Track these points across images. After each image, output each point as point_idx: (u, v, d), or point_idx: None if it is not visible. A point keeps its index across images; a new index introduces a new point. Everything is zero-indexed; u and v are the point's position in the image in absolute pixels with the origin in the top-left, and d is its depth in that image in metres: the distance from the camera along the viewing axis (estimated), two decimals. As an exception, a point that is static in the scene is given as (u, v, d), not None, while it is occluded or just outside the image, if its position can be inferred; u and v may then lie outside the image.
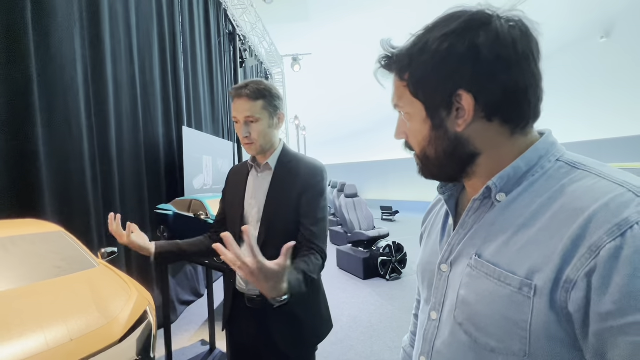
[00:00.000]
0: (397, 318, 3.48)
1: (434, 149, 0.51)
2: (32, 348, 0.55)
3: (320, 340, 1.23)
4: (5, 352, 0.53)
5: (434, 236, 0.63)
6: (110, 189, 2.87)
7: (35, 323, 0.61)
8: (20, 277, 0.77)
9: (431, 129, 0.50)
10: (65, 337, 0.59)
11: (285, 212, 1.15)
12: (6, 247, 0.83)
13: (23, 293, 0.71)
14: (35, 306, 0.67)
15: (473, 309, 0.47)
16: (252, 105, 1.12)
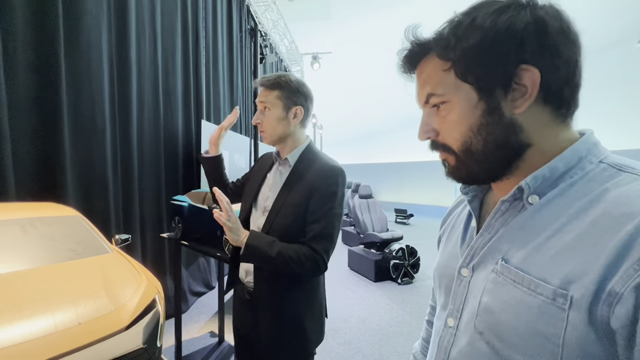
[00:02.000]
0: (408, 323, 3.41)
1: (483, 138, 0.46)
2: (40, 329, 0.55)
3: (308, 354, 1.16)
4: (15, 331, 0.53)
5: (454, 239, 0.59)
6: (129, 178, 2.94)
7: (46, 305, 0.61)
8: (35, 258, 0.78)
9: (483, 114, 0.45)
10: (74, 321, 0.59)
11: (291, 210, 1.11)
12: (24, 228, 0.85)
13: (36, 274, 0.72)
14: (46, 288, 0.67)
15: (496, 318, 0.43)
16: (267, 94, 1.16)
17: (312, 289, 1.17)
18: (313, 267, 1.03)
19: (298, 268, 1.01)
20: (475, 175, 0.50)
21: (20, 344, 0.52)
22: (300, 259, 1.01)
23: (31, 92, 2.09)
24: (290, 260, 1.00)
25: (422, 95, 0.52)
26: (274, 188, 1.20)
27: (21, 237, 0.82)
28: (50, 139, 2.16)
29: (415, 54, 0.51)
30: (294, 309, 1.12)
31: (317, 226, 1.07)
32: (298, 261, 1.01)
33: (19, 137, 1.99)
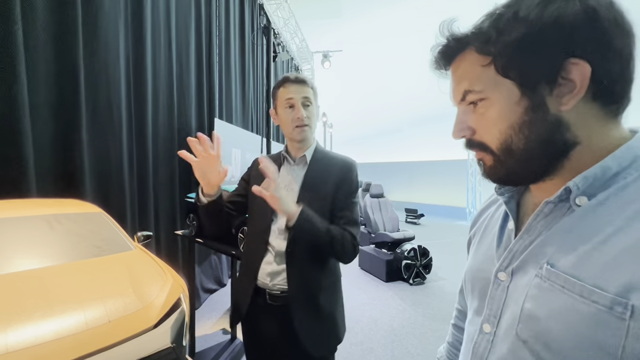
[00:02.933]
0: (420, 324, 3.37)
1: (525, 137, 0.43)
2: (72, 326, 0.55)
3: (339, 342, 1.21)
4: (47, 328, 0.53)
5: (488, 241, 0.57)
6: (144, 176, 2.98)
7: (76, 302, 0.61)
8: (63, 254, 0.79)
9: (526, 111, 0.43)
10: (104, 318, 0.58)
11: (319, 204, 1.16)
12: (51, 225, 0.86)
13: (65, 270, 0.73)
14: (76, 284, 0.68)
15: (543, 326, 0.40)
16: (308, 90, 1.18)
17: (338, 280, 1.23)
18: (350, 249, 1.10)
19: (340, 248, 1.07)
20: (516, 176, 0.47)
21: (53, 341, 0.52)
22: (344, 240, 1.08)
23: (52, 92, 2.13)
24: (335, 239, 1.06)
25: (457, 92, 0.49)
26: (290, 188, 1.20)
27: (48, 233, 0.83)
28: (69, 137, 2.20)
29: (451, 49, 0.48)
30: (326, 301, 1.16)
31: (348, 213, 1.16)
32: (342, 241, 1.08)
33: (40, 136, 2.03)
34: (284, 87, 1.19)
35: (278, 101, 1.21)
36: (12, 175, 1.82)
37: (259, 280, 1.18)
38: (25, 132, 1.89)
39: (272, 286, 1.15)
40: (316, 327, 1.13)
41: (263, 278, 1.17)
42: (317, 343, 1.12)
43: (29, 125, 1.92)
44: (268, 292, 1.15)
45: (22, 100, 1.88)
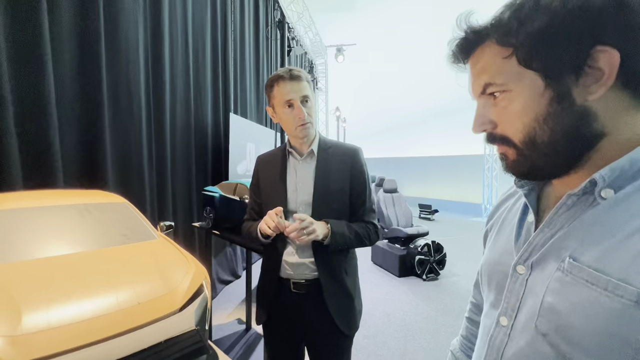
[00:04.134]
0: (433, 320, 3.36)
1: (550, 129, 0.42)
2: (106, 306, 0.58)
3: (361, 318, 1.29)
4: (85, 307, 0.56)
5: (506, 234, 0.56)
6: (163, 169, 3.06)
7: (108, 284, 0.65)
8: (93, 241, 0.83)
9: (551, 102, 0.42)
10: (134, 300, 0.62)
11: (336, 196, 1.20)
12: (82, 213, 0.91)
13: (95, 256, 0.77)
14: (107, 269, 0.72)
15: (564, 320, 0.40)
16: (306, 85, 1.16)
17: (356, 266, 1.29)
18: (375, 236, 1.23)
19: (368, 242, 1.21)
20: (540, 170, 0.46)
21: (90, 320, 0.55)
22: (370, 235, 1.21)
23: (75, 89, 2.21)
24: (363, 237, 1.19)
25: (477, 86, 0.48)
26: (305, 181, 1.22)
27: (79, 221, 0.88)
28: (92, 131, 2.29)
29: (470, 42, 0.47)
30: (350, 283, 1.23)
31: (366, 202, 1.23)
32: (367, 236, 1.20)
33: (65, 130, 2.12)
34: (278, 86, 1.15)
35: (275, 100, 1.18)
36: (41, 167, 1.91)
37: (282, 272, 1.21)
38: (53, 127, 1.98)
39: (297, 276, 1.19)
40: (344, 307, 1.20)
41: (286, 269, 1.20)
42: (347, 321, 1.20)
43: (55, 121, 2.00)
44: (293, 281, 1.18)
45: (49, 96, 1.97)
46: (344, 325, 1.19)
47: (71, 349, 0.51)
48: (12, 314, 0.52)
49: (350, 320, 1.22)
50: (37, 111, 1.92)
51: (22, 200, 0.90)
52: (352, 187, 1.21)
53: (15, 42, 1.85)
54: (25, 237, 0.79)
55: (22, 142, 1.84)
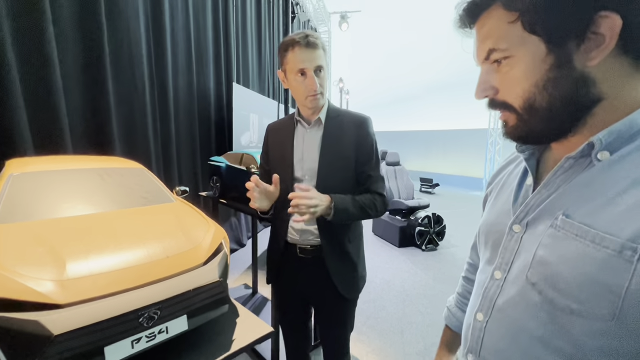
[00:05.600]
0: (431, 287, 3.51)
1: (549, 94, 0.44)
2: (139, 258, 0.63)
3: (363, 283, 1.33)
4: (120, 258, 0.62)
5: (505, 197, 0.59)
6: (168, 139, 3.08)
7: (138, 239, 0.70)
8: (116, 202, 0.88)
9: (552, 68, 0.43)
10: (162, 254, 0.67)
11: (341, 164, 1.20)
12: (102, 177, 0.94)
13: (121, 215, 0.82)
14: (134, 226, 0.76)
15: (553, 270, 0.44)
16: (321, 54, 1.12)
17: (361, 231, 1.31)
18: (382, 207, 1.21)
19: (374, 213, 1.19)
20: (538, 134, 0.48)
21: (126, 269, 0.60)
22: (375, 206, 1.19)
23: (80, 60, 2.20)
24: (369, 209, 1.17)
25: (481, 51, 0.49)
26: (310, 150, 1.22)
27: (101, 184, 0.92)
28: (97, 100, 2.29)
29: (477, 6, 0.47)
30: (353, 250, 1.26)
31: (372, 172, 1.22)
32: (374, 207, 1.19)
33: (71, 99, 2.12)
34: (293, 52, 1.10)
35: (287, 66, 1.15)
36: (50, 136, 1.94)
37: (289, 237, 1.25)
38: (59, 95, 1.98)
39: (302, 241, 1.23)
40: (346, 273, 1.24)
41: (292, 235, 1.25)
42: (348, 286, 1.25)
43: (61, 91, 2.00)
44: (299, 246, 1.23)
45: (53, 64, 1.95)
46: (345, 290, 1.24)
47: (112, 292, 0.57)
48: (56, 262, 0.57)
49: (352, 285, 1.26)
50: (42, 80, 1.91)
51: (45, 164, 0.94)
52: (358, 156, 1.20)
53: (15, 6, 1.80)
54: (54, 197, 0.83)
55: (30, 109, 1.85)
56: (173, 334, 0.63)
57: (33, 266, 0.56)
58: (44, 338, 0.49)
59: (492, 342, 0.53)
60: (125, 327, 0.57)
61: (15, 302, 0.51)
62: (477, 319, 0.57)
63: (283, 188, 1.24)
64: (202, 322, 0.69)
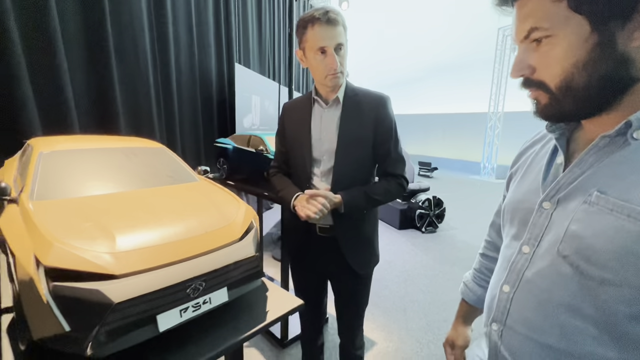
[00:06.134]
0: (431, 267, 3.61)
1: (588, 74, 0.44)
2: (180, 233, 0.66)
3: (377, 261, 1.36)
4: (163, 232, 0.64)
5: (533, 175, 0.61)
6: (171, 120, 3.06)
7: (176, 215, 0.72)
8: (145, 181, 0.89)
9: (594, 48, 0.43)
10: (201, 230, 0.69)
11: (360, 144, 1.19)
12: (128, 156, 0.95)
13: (154, 192, 0.83)
14: (169, 203, 0.78)
15: (586, 243, 0.46)
16: (341, 31, 1.09)
17: (376, 211, 1.33)
18: (399, 190, 1.22)
19: (389, 198, 1.22)
20: (568, 113, 0.49)
21: (169, 244, 0.63)
22: (389, 191, 1.20)
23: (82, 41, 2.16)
24: (381, 197, 1.19)
25: (521, 30, 0.49)
26: (328, 130, 1.21)
27: (127, 163, 0.92)
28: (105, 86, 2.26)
29: None
30: (368, 229, 1.29)
31: (392, 152, 1.21)
32: (387, 194, 1.20)
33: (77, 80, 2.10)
34: (312, 30, 1.07)
35: (307, 44, 1.11)
36: (58, 117, 1.93)
37: None
38: (64, 78, 1.94)
39: (322, 221, 1.25)
40: (361, 252, 1.28)
41: None
42: (362, 263, 1.29)
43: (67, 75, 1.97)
44: (319, 226, 1.26)
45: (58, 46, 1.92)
46: (359, 267, 1.28)
47: (161, 265, 0.59)
48: (106, 236, 0.59)
49: (366, 263, 1.31)
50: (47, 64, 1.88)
51: (70, 143, 0.94)
52: (377, 136, 1.19)
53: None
54: (86, 175, 0.84)
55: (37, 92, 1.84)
56: (215, 305, 0.66)
57: (85, 240, 0.58)
58: (105, 305, 0.52)
59: (519, 311, 0.57)
60: (174, 297, 0.60)
61: (76, 273, 0.53)
62: (503, 290, 0.60)
63: (303, 169, 1.26)
64: (240, 294, 0.72)
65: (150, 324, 0.57)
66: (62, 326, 0.52)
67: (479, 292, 0.85)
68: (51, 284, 0.52)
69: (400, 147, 1.26)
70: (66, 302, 0.52)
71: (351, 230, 1.25)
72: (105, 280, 0.54)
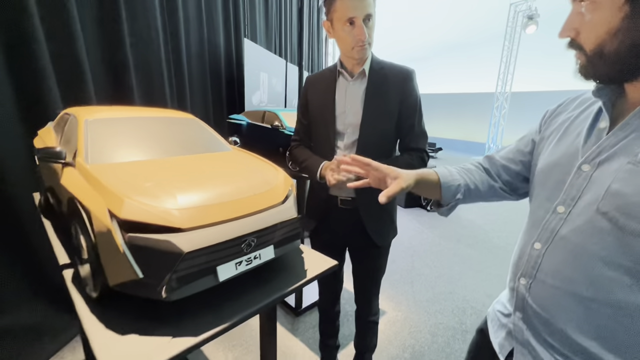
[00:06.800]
0: (437, 244, 3.70)
1: (619, 41, 0.48)
2: (232, 194, 0.70)
3: (395, 234, 1.41)
4: (217, 192, 0.68)
5: (571, 139, 0.64)
6: (182, 93, 3.07)
7: (227, 179, 0.76)
8: (188, 148, 0.92)
9: (625, 17, 0.47)
10: (250, 192, 0.73)
11: (384, 118, 1.21)
12: (167, 125, 0.98)
13: (198, 159, 0.87)
14: (217, 168, 0.82)
15: (629, 200, 0.50)
16: (370, 2, 1.08)
17: None
18: (421, 164, 1.23)
19: None
20: (603, 75, 0.53)
21: (224, 203, 0.67)
22: (411, 165, 1.20)
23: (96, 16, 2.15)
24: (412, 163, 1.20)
25: None
26: (353, 103, 1.22)
27: (167, 131, 0.96)
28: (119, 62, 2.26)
29: None
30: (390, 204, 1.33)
31: (416, 127, 1.22)
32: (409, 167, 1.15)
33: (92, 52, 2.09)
34: (342, 0, 1.07)
35: (335, 14, 1.10)
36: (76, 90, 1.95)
37: (331, 190, 1.31)
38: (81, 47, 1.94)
39: (344, 194, 1.30)
40: (380, 224, 1.33)
41: (334, 188, 1.28)
42: (382, 235, 1.34)
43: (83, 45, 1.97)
44: (340, 198, 1.30)
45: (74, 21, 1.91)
46: (379, 239, 1.32)
47: (220, 221, 0.64)
48: (168, 194, 0.64)
49: (385, 235, 1.35)
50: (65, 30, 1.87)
51: (111, 112, 0.97)
52: (402, 110, 1.20)
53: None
54: (130, 142, 0.88)
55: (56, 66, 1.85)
56: (264, 260, 0.71)
57: (150, 197, 0.62)
58: (176, 255, 0.57)
59: (550, 265, 0.61)
60: (231, 251, 0.65)
61: (146, 226, 0.58)
62: (534, 248, 0.64)
63: (324, 141, 1.28)
64: (283, 253, 0.77)
65: (211, 274, 0.63)
66: (136, 273, 0.57)
67: (456, 176, 0.83)
68: (126, 235, 0.57)
69: (423, 122, 1.27)
70: (140, 251, 0.57)
71: (373, 203, 1.27)
72: (172, 232, 0.59)
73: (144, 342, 0.57)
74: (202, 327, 0.60)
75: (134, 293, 0.60)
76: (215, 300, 0.68)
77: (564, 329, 0.58)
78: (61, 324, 1.89)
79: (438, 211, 0.88)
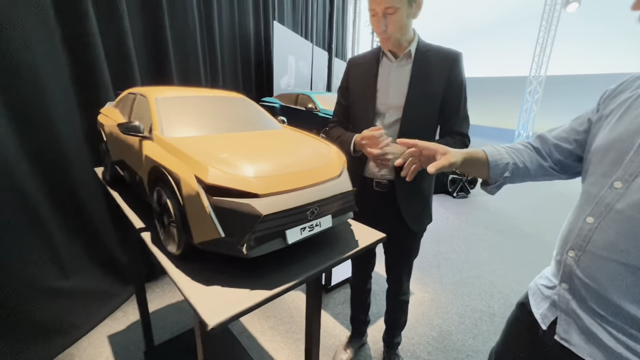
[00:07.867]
0: (464, 230, 3.68)
1: None
2: (297, 165, 0.76)
3: (430, 221, 1.42)
4: (284, 164, 0.74)
5: (632, 117, 0.65)
6: (215, 77, 3.14)
7: (291, 152, 0.82)
8: (245, 125, 0.99)
9: None
10: (310, 165, 0.78)
11: (428, 101, 1.22)
12: (224, 103, 1.05)
13: (258, 135, 0.93)
14: (276, 143, 0.88)
15: None
16: None
17: None
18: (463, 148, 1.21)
19: None
20: None
21: (291, 173, 0.73)
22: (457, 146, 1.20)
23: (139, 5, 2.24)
24: None
25: None
26: (397, 84, 1.23)
27: (227, 109, 1.03)
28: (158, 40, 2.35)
29: None
30: (427, 186, 1.35)
31: (460, 111, 1.24)
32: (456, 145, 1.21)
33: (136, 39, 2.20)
34: None
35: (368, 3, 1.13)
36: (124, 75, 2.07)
37: (366, 172, 1.35)
38: (126, 30, 2.04)
39: (379, 176, 1.33)
40: (417, 209, 1.35)
41: (370, 170, 1.34)
42: (418, 221, 1.36)
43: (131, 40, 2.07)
44: (375, 181, 1.33)
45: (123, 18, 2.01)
46: (414, 225, 1.35)
47: (290, 189, 0.70)
48: (243, 164, 0.71)
49: (420, 221, 1.37)
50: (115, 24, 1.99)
51: (174, 92, 1.04)
52: (447, 93, 1.20)
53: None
54: (197, 118, 0.95)
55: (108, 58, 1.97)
56: (324, 228, 0.78)
57: (229, 166, 0.69)
58: (255, 217, 0.64)
59: (603, 238, 0.64)
60: (298, 217, 0.71)
61: (229, 190, 0.65)
62: (586, 222, 0.67)
63: (363, 121, 1.29)
64: (339, 223, 0.83)
65: (281, 237, 0.69)
66: (219, 232, 0.65)
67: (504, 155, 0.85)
68: (212, 199, 0.64)
69: (467, 109, 1.28)
70: (223, 213, 0.64)
71: (411, 187, 1.28)
72: (251, 198, 0.65)
73: (227, 292, 0.64)
74: (274, 282, 0.68)
75: (215, 250, 0.67)
76: (286, 259, 0.75)
77: (612, 298, 0.61)
78: (116, 288, 2.09)
79: (485, 189, 0.91)
